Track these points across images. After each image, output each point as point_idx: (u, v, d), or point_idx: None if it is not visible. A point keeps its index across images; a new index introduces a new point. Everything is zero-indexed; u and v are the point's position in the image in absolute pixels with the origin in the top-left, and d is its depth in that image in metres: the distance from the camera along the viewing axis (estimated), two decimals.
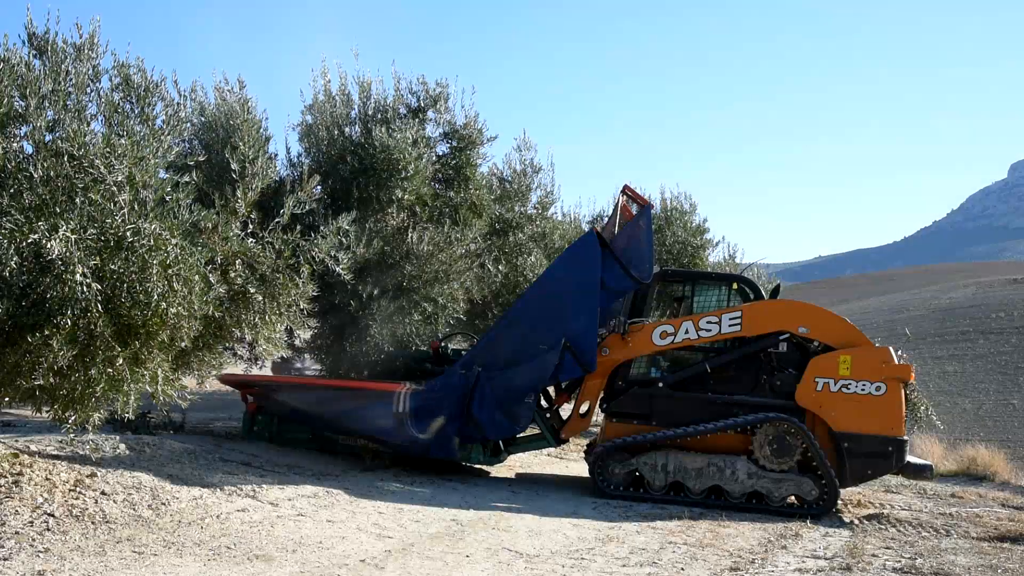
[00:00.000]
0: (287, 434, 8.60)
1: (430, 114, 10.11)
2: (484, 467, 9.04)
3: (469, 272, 9.89)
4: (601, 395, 8.61)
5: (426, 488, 7.86)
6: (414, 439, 8.01)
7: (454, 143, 10.26)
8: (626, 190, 8.91)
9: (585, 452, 9.43)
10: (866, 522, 7.76)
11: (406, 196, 9.24)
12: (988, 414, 22.56)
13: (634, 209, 8.77)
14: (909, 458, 8.08)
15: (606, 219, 16.56)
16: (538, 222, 12.57)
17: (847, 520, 7.80)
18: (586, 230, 13.96)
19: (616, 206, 9.08)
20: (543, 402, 8.95)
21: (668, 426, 8.20)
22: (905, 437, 7.96)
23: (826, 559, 6.07)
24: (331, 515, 6.25)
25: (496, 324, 9.14)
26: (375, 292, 8.82)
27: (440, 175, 10.24)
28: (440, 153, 10.26)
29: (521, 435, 8.69)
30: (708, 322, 8.23)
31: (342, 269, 7.71)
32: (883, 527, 7.60)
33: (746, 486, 7.93)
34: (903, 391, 8.02)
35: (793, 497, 8.01)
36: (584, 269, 8.27)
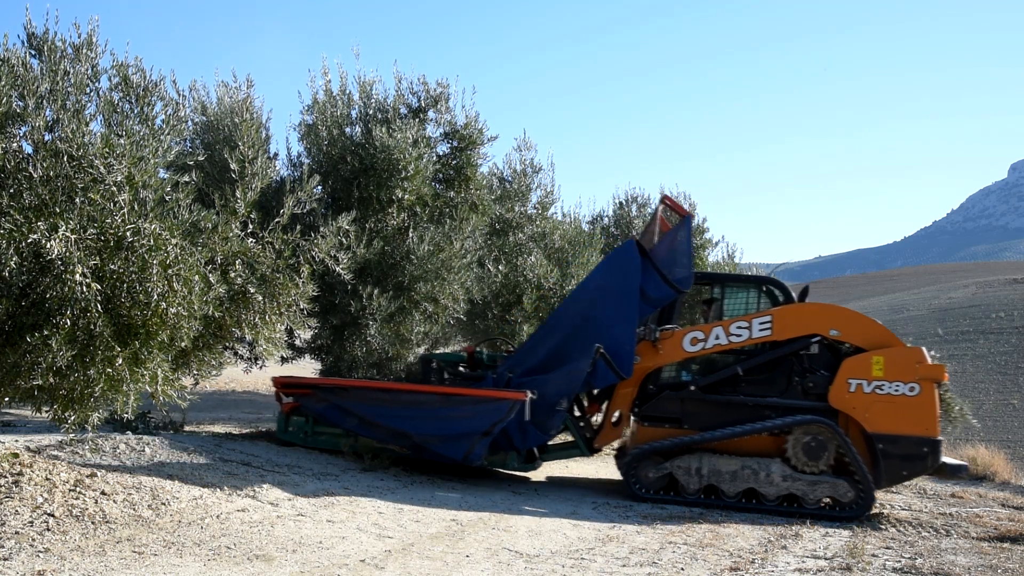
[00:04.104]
0: (321, 435, 8.53)
1: (430, 114, 10.11)
2: (519, 473, 9.02)
3: (469, 272, 9.89)
4: (632, 402, 8.57)
5: (426, 488, 7.86)
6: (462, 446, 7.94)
7: (454, 143, 10.26)
8: (665, 200, 8.91)
9: (616, 456, 9.41)
10: (866, 522, 7.76)
11: (406, 196, 9.24)
12: (988, 414, 22.55)
13: (673, 219, 8.77)
14: (944, 459, 8.02)
15: (606, 219, 16.60)
16: (538, 222, 12.56)
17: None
18: (586, 230, 13.95)
19: (653, 215, 9.08)
20: (575, 411, 8.91)
21: (699, 429, 8.18)
22: (940, 437, 7.92)
23: (826, 559, 6.07)
24: (331, 515, 6.24)
25: (537, 330, 9.20)
26: (375, 292, 8.81)
27: (440, 175, 10.24)
28: (440, 153, 10.26)
29: (555, 443, 8.64)
30: (739, 327, 8.23)
31: (342, 269, 7.71)
32: (883, 527, 7.60)
33: (781, 489, 7.89)
34: (937, 391, 7.97)
35: (828, 499, 7.97)
36: (623, 277, 8.29)
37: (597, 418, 9.26)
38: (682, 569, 5.55)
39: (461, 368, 9.15)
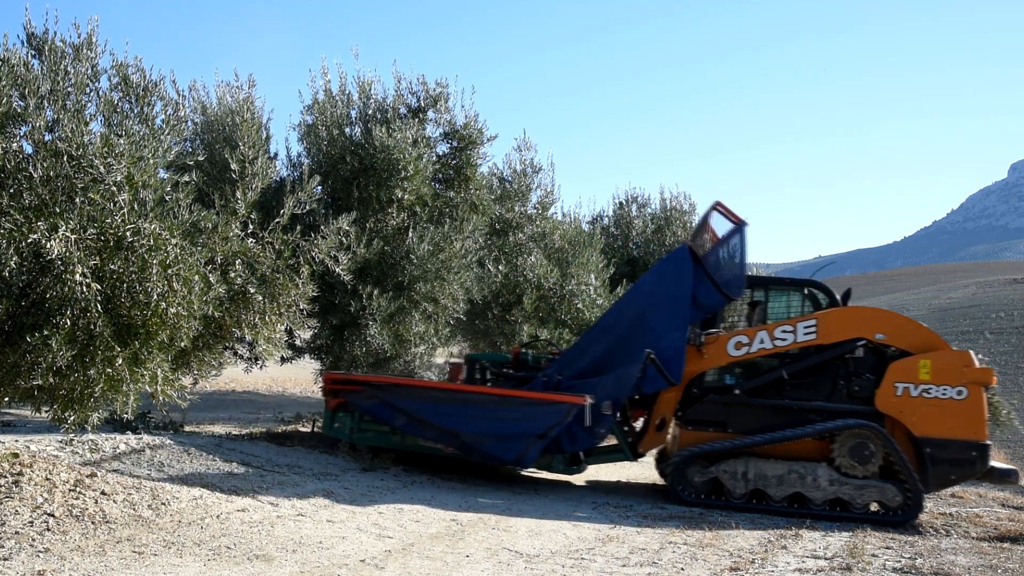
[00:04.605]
0: (367, 431, 8.52)
1: (430, 114, 10.11)
2: (565, 476, 9.00)
3: (469, 272, 9.89)
4: (676, 406, 8.53)
5: (426, 488, 7.86)
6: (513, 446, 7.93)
7: (454, 143, 10.26)
8: (719, 207, 8.83)
9: (657, 460, 9.36)
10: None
11: (406, 196, 9.24)
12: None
13: (720, 227, 8.74)
14: (992, 463, 7.95)
15: (606, 219, 16.61)
16: (538, 222, 12.57)
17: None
18: (586, 230, 13.96)
19: (703, 220, 9.00)
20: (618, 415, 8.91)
21: (743, 433, 8.15)
22: (988, 442, 7.85)
23: (826, 559, 6.06)
24: (331, 515, 6.24)
25: (585, 334, 9.19)
26: (375, 292, 8.80)
27: (440, 175, 10.24)
28: (440, 153, 10.26)
29: (599, 447, 8.59)
30: (783, 331, 8.20)
31: (342, 269, 7.71)
32: (883, 527, 7.60)
33: (828, 493, 7.85)
34: (985, 395, 7.91)
35: (876, 504, 7.92)
36: (675, 283, 8.30)
37: (638, 423, 9.22)
38: (682, 569, 5.55)
39: (506, 369, 9.14)
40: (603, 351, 8.47)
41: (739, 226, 8.57)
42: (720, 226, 8.81)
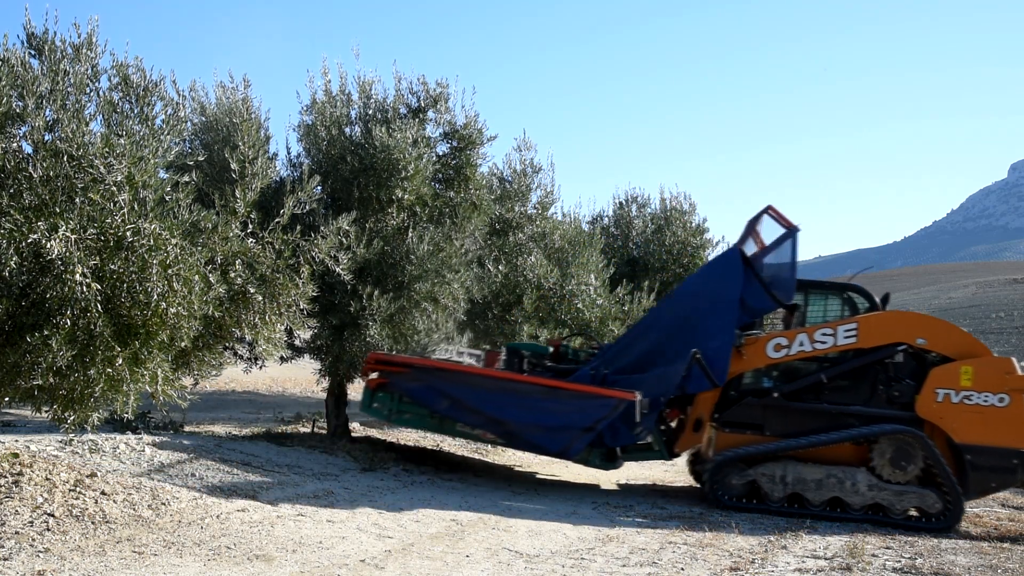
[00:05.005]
0: (406, 413, 8.51)
1: (430, 114, 10.10)
2: (600, 470, 9.00)
3: (469, 272, 9.88)
4: (713, 408, 8.46)
5: (426, 488, 7.86)
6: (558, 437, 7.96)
7: (454, 143, 10.25)
8: (770, 210, 8.76)
9: (691, 462, 9.32)
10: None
11: (406, 196, 9.23)
12: None
13: (770, 231, 8.70)
14: None
15: (606, 219, 16.61)
16: (538, 222, 12.56)
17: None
18: (586, 230, 13.95)
19: (752, 223, 8.95)
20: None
21: (781, 436, 8.12)
22: None
23: (826, 559, 6.06)
24: (331, 515, 6.24)
25: (630, 330, 9.19)
26: (375, 292, 8.80)
27: (440, 175, 10.23)
28: (440, 153, 10.24)
29: (636, 444, 8.57)
30: (823, 334, 8.15)
31: (342, 269, 7.71)
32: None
33: (867, 498, 7.81)
34: None
35: (915, 510, 7.87)
36: (724, 285, 8.28)
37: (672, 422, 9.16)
38: (682, 569, 5.55)
39: (546, 361, 9.12)
40: (648, 348, 8.47)
41: (791, 231, 8.49)
42: (770, 230, 8.76)
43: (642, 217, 16.31)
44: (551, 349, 9.29)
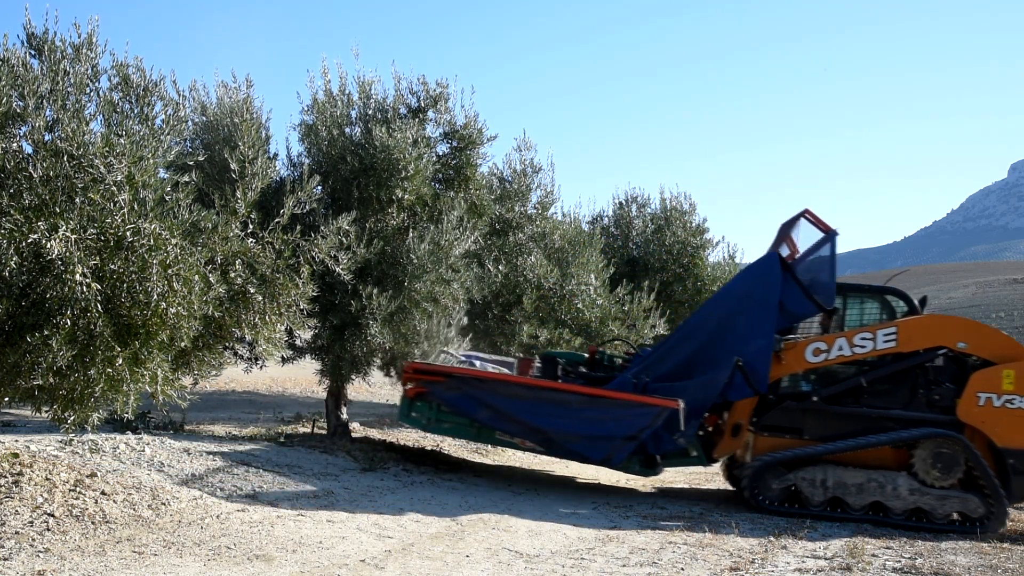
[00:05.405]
0: (445, 423, 8.52)
1: (430, 114, 10.10)
2: (639, 477, 8.97)
3: (468, 271, 9.88)
4: (751, 412, 8.41)
5: (426, 488, 7.86)
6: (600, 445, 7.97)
7: (454, 143, 10.25)
8: (807, 214, 8.70)
9: (727, 467, 9.28)
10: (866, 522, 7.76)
11: (406, 196, 9.23)
12: None
13: (803, 236, 8.65)
14: None
15: (606, 219, 16.60)
16: (538, 222, 12.56)
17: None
18: (586, 230, 13.95)
19: (786, 227, 8.88)
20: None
21: (820, 440, 8.08)
22: None
23: (826, 559, 6.06)
24: (331, 515, 6.24)
25: (669, 337, 9.17)
26: (375, 292, 8.81)
27: (440, 175, 10.23)
28: (440, 153, 10.24)
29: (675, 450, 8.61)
30: (863, 338, 8.11)
31: (342, 269, 7.71)
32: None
33: (908, 503, 7.77)
34: None
35: (957, 515, 7.82)
36: (763, 290, 8.25)
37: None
38: (682, 569, 5.55)
39: (582, 368, 9.10)
40: (688, 355, 8.45)
41: (830, 234, 8.44)
42: (807, 234, 8.70)
43: (642, 217, 16.31)
44: (586, 356, 9.26)
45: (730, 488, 9.27)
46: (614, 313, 12.38)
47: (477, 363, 9.20)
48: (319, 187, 8.73)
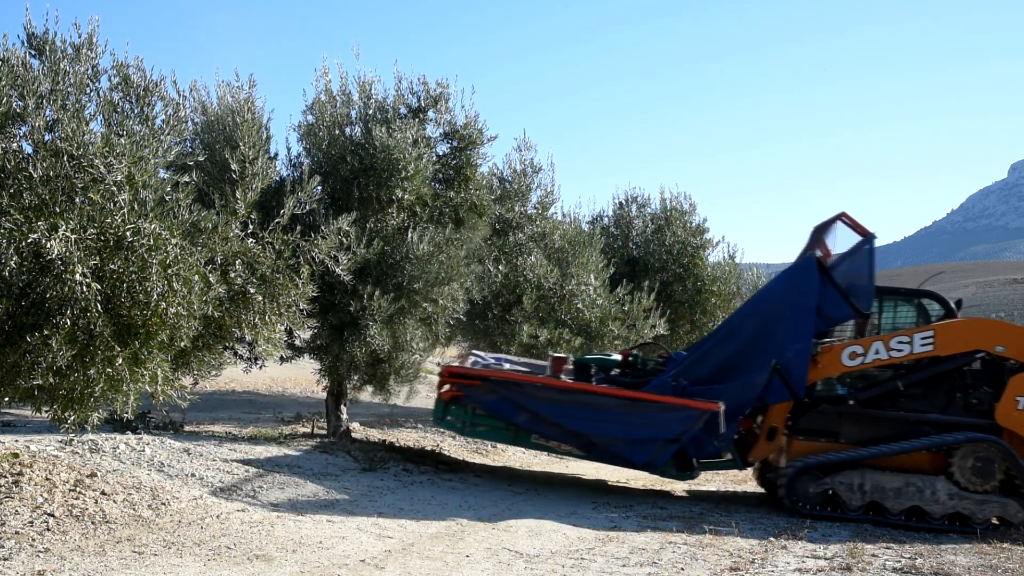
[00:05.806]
0: (480, 426, 8.48)
1: (430, 114, 10.10)
2: (677, 481, 8.98)
3: (468, 272, 9.89)
4: (786, 416, 8.34)
5: (426, 488, 7.86)
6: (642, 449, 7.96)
7: (454, 143, 10.25)
8: (844, 217, 8.64)
9: (760, 470, 9.21)
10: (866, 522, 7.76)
11: (406, 196, 9.24)
12: None
13: (839, 240, 8.60)
14: None
15: (606, 219, 16.60)
16: (538, 222, 12.56)
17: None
18: (586, 230, 13.95)
19: (819, 230, 8.84)
20: None
21: (856, 444, 8.04)
22: None
23: (826, 559, 6.06)
24: (331, 515, 6.24)
25: (705, 340, 9.13)
26: (375, 292, 8.81)
27: (440, 175, 10.23)
28: (440, 153, 10.24)
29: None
30: (899, 342, 8.04)
31: (342, 269, 7.71)
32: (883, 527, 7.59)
33: (947, 507, 7.71)
34: None
35: (995, 520, 7.76)
36: (801, 294, 8.22)
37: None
38: (682, 569, 5.55)
39: (614, 372, 9.06)
40: (725, 358, 8.42)
41: (867, 238, 8.39)
42: (843, 237, 8.63)
43: (642, 217, 16.30)
44: (619, 359, 9.23)
45: (729, 490, 9.27)
46: (614, 313, 12.38)
47: (507, 365, 9.17)
48: (319, 187, 8.73)
